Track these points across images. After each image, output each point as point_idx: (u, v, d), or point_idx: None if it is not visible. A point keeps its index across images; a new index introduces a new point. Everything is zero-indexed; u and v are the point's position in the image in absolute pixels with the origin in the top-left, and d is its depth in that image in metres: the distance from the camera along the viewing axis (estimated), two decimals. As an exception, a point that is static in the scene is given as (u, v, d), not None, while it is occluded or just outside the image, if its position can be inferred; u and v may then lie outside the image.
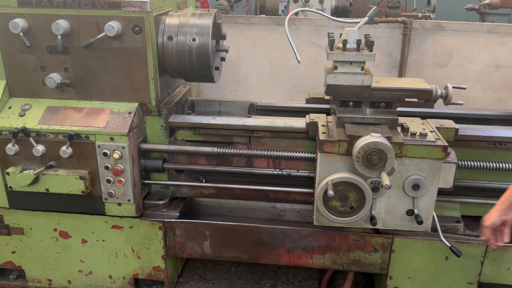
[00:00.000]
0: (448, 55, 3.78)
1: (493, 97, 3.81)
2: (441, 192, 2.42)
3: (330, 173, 2.33)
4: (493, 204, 2.62)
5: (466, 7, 5.52)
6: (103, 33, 2.41)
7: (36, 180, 2.52)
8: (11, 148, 2.52)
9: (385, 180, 2.10)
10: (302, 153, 2.60)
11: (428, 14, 5.64)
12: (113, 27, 2.38)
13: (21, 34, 2.44)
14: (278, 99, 4.00)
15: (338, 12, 5.16)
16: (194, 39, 2.53)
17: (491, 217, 2.23)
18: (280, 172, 2.65)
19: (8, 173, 2.55)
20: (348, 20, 2.70)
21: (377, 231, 2.61)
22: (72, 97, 2.63)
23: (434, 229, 2.47)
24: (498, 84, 3.79)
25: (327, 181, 2.29)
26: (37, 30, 2.49)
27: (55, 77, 2.53)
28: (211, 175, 2.81)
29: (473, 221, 2.70)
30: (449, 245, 2.42)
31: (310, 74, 3.95)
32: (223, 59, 2.92)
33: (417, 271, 2.63)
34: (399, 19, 3.79)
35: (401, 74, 3.81)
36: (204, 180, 2.80)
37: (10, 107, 2.62)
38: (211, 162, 2.75)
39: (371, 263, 2.66)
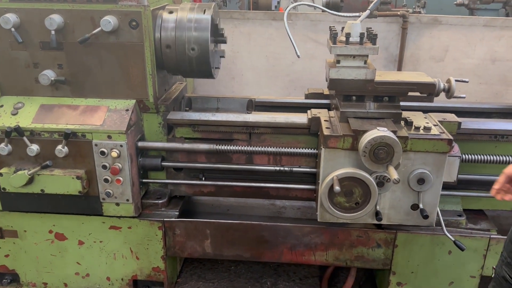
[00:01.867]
0: (444, 49, 3.78)
1: (489, 90, 3.82)
2: (443, 186, 2.40)
3: (335, 168, 2.30)
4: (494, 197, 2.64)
5: (455, 2, 5.54)
6: (99, 28, 2.34)
7: (30, 180, 2.45)
8: (4, 148, 2.43)
9: (394, 174, 2.08)
10: (303, 149, 2.56)
11: (418, 10, 5.65)
12: (109, 21, 2.31)
13: (12, 29, 2.36)
14: (275, 95, 3.96)
15: (329, 8, 5.11)
16: (193, 49, 2.48)
17: None
18: (281, 169, 2.61)
19: (1, 174, 2.46)
20: (348, 14, 2.67)
21: (379, 227, 2.59)
22: (66, 94, 2.56)
23: (437, 223, 2.46)
24: (494, 77, 3.81)
25: (332, 177, 2.26)
26: (30, 25, 2.41)
27: (49, 74, 2.45)
28: (210, 173, 2.76)
29: (475, 215, 2.70)
30: (453, 239, 2.41)
31: (306, 69, 3.91)
32: (222, 56, 2.86)
33: (420, 265, 2.62)
34: (398, 13, 3.77)
35: (400, 68, 3.79)
36: (203, 178, 2.75)
37: (1, 106, 2.53)
38: (210, 159, 2.70)
39: (374, 259, 2.64)
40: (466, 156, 2.50)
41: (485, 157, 2.50)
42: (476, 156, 2.50)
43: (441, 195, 2.51)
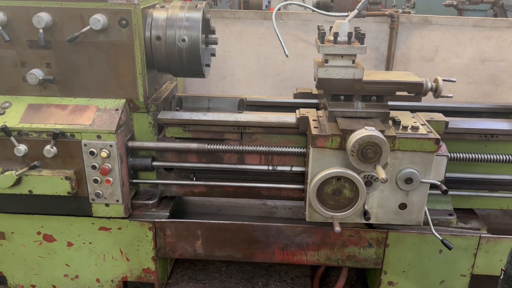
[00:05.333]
0: (434, 49, 3.80)
1: (479, 90, 3.85)
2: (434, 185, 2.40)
3: (323, 168, 2.29)
4: (485, 196, 2.66)
5: (444, 3, 5.58)
6: (88, 27, 2.30)
7: (18, 181, 2.40)
8: (-9, 148, 2.39)
9: (381, 174, 2.08)
10: (294, 148, 2.55)
11: (408, 11, 5.69)
12: (98, 20, 2.28)
13: (-1, 27, 2.32)
14: (265, 94, 3.95)
15: (320, 8, 5.13)
16: (183, 40, 2.45)
17: None
18: (272, 168, 2.60)
19: (-12, 175, 2.42)
20: (336, 14, 2.66)
21: (371, 226, 2.59)
22: (55, 94, 2.52)
23: (426, 222, 2.46)
24: (483, 77, 3.84)
25: (319, 177, 2.25)
26: (17, 24, 2.37)
27: (37, 73, 2.41)
28: (201, 173, 2.74)
29: (465, 214, 2.72)
30: (440, 238, 2.41)
31: (297, 69, 3.91)
32: (213, 54, 2.85)
33: (411, 265, 2.63)
34: (387, 13, 3.79)
35: (388, 68, 3.81)
36: (194, 178, 2.73)
37: (-12, 105, 2.49)
38: (201, 159, 2.68)
39: (365, 258, 2.64)
40: (454, 155, 2.51)
41: (473, 155, 2.51)
42: (463, 154, 2.52)
43: (432, 194, 2.53)
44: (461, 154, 2.52)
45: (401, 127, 2.33)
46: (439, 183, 2.27)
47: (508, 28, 3.67)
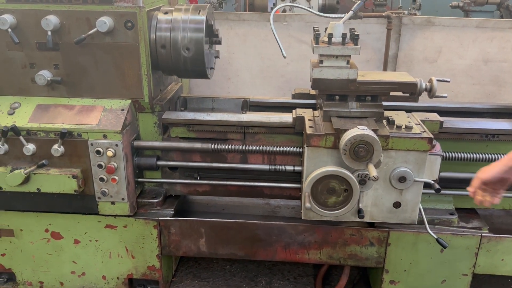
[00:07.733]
0: (437, 50, 3.82)
1: (482, 91, 3.86)
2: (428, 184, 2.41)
3: (317, 166, 2.33)
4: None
5: (450, 4, 5.59)
6: (95, 29, 2.36)
7: (27, 179, 2.46)
8: (0, 148, 2.46)
9: (373, 172, 2.11)
10: (292, 147, 2.58)
11: (413, 12, 5.71)
12: (105, 22, 2.34)
13: (9, 30, 2.38)
14: (270, 95, 3.99)
15: (326, 9, 5.19)
16: (188, 48, 2.51)
17: (491, 171, 1.88)
18: (275, 168, 2.63)
19: (-3, 173, 2.48)
20: (335, 16, 2.70)
21: (372, 225, 2.62)
22: (62, 94, 2.58)
23: (422, 221, 2.47)
24: (486, 78, 3.84)
25: (313, 176, 2.28)
26: (26, 26, 2.43)
27: (45, 74, 2.48)
28: (205, 172, 2.78)
29: (467, 214, 2.73)
30: (435, 236, 2.42)
31: (301, 70, 3.94)
32: (216, 57, 2.90)
33: (413, 264, 2.65)
34: (383, 14, 3.81)
35: (385, 68, 3.82)
36: (198, 178, 2.78)
37: (-2, 106, 2.56)
38: (205, 159, 2.72)
39: (367, 257, 2.67)
40: (449, 154, 2.52)
41: (469, 155, 2.52)
42: (460, 154, 2.53)
43: (433, 194, 2.55)
44: (457, 154, 2.53)
45: (395, 126, 2.35)
46: (432, 182, 2.30)
47: (511, 29, 3.68)
